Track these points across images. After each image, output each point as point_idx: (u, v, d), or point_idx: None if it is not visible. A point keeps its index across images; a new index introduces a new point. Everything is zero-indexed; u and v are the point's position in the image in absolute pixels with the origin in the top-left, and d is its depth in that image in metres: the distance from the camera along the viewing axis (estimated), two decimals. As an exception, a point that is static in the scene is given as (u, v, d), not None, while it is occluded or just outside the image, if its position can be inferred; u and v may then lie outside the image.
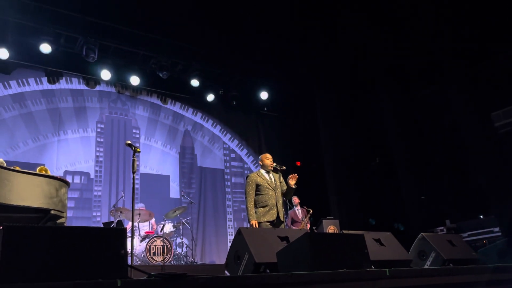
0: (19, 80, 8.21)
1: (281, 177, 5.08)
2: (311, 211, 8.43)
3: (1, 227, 2.06)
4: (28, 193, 3.35)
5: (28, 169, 3.61)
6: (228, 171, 10.64)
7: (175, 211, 7.71)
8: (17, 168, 3.44)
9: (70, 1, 7.59)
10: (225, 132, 10.79)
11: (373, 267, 3.18)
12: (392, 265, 3.60)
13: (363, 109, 9.97)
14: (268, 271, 3.13)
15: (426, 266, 4.15)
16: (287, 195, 5.15)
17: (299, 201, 8.67)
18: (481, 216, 7.62)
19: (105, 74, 8.69)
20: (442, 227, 7.85)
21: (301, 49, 9.91)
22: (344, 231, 4.25)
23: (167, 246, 6.88)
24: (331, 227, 8.35)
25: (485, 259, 4.43)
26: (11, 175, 3.29)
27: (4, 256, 1.90)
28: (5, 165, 3.52)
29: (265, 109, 11.17)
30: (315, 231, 8.35)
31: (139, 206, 7.70)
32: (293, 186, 5.00)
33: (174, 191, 9.60)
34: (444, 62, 8.41)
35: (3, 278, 1.86)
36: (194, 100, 10.30)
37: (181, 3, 8.19)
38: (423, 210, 8.78)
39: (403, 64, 9.29)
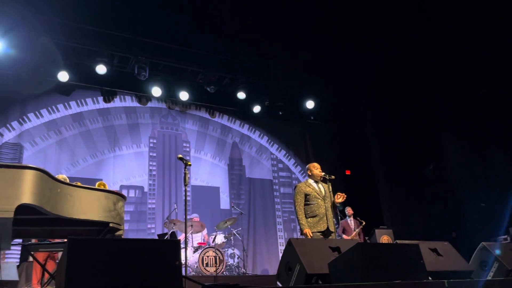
0: (78, 101, 8.73)
1: (330, 187, 5.00)
2: (364, 223, 8.26)
3: (66, 240, 2.20)
4: (88, 207, 3.54)
5: (88, 184, 3.83)
6: (276, 181, 10.64)
7: (226, 222, 7.82)
8: (79, 184, 3.65)
9: (121, 23, 7.99)
10: (272, 142, 10.83)
11: (430, 278, 3.06)
12: (451, 276, 3.45)
13: (414, 113, 9.64)
14: (320, 282, 3.10)
15: (488, 277, 3.93)
16: (333, 207, 5.05)
17: (352, 212, 8.55)
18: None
19: (156, 91, 9.03)
20: (506, 236, 7.39)
21: (347, 56, 9.78)
22: (398, 241, 4.12)
23: (219, 257, 6.97)
24: (384, 237, 8.11)
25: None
26: (73, 191, 3.51)
27: (69, 267, 2.03)
28: (68, 181, 3.76)
29: (312, 118, 11.08)
30: (368, 241, 8.14)
31: (193, 215, 7.94)
32: (337, 204, 4.90)
33: (224, 202, 9.74)
34: (499, 63, 8.00)
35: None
36: (241, 112, 10.45)
37: (225, 19, 8.38)
38: (483, 218, 8.31)
39: (457, 66, 8.91)
